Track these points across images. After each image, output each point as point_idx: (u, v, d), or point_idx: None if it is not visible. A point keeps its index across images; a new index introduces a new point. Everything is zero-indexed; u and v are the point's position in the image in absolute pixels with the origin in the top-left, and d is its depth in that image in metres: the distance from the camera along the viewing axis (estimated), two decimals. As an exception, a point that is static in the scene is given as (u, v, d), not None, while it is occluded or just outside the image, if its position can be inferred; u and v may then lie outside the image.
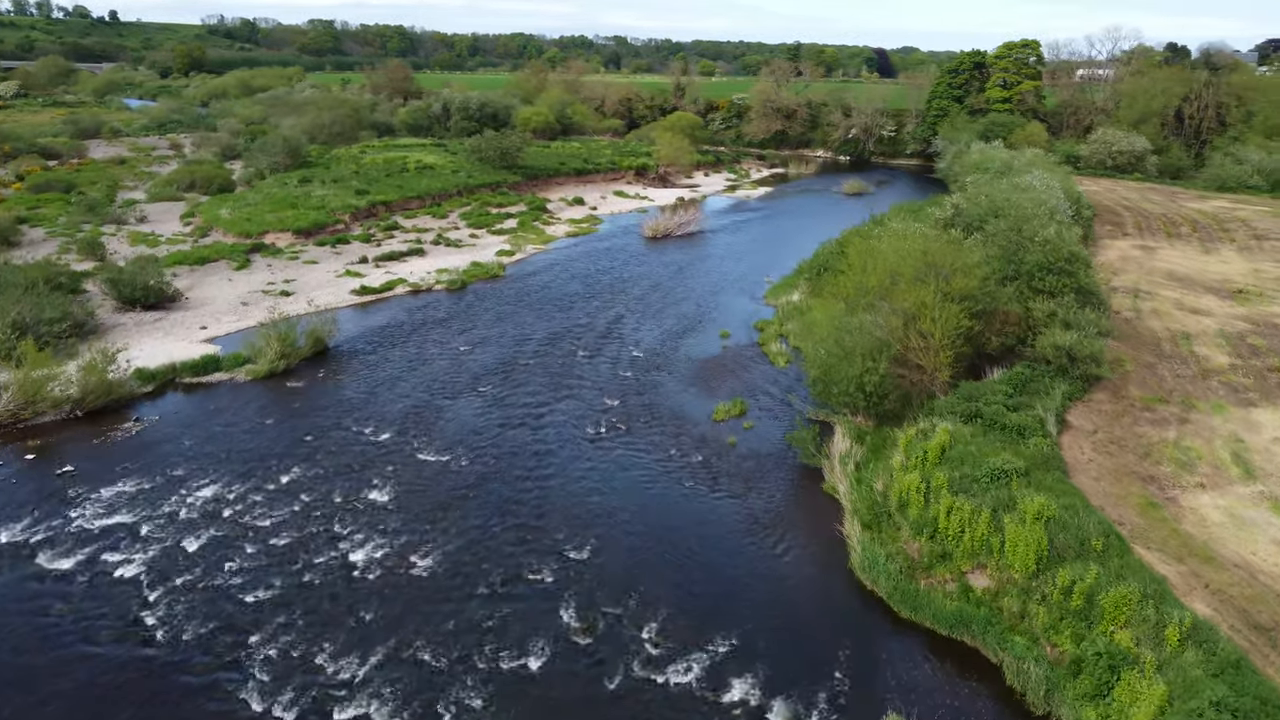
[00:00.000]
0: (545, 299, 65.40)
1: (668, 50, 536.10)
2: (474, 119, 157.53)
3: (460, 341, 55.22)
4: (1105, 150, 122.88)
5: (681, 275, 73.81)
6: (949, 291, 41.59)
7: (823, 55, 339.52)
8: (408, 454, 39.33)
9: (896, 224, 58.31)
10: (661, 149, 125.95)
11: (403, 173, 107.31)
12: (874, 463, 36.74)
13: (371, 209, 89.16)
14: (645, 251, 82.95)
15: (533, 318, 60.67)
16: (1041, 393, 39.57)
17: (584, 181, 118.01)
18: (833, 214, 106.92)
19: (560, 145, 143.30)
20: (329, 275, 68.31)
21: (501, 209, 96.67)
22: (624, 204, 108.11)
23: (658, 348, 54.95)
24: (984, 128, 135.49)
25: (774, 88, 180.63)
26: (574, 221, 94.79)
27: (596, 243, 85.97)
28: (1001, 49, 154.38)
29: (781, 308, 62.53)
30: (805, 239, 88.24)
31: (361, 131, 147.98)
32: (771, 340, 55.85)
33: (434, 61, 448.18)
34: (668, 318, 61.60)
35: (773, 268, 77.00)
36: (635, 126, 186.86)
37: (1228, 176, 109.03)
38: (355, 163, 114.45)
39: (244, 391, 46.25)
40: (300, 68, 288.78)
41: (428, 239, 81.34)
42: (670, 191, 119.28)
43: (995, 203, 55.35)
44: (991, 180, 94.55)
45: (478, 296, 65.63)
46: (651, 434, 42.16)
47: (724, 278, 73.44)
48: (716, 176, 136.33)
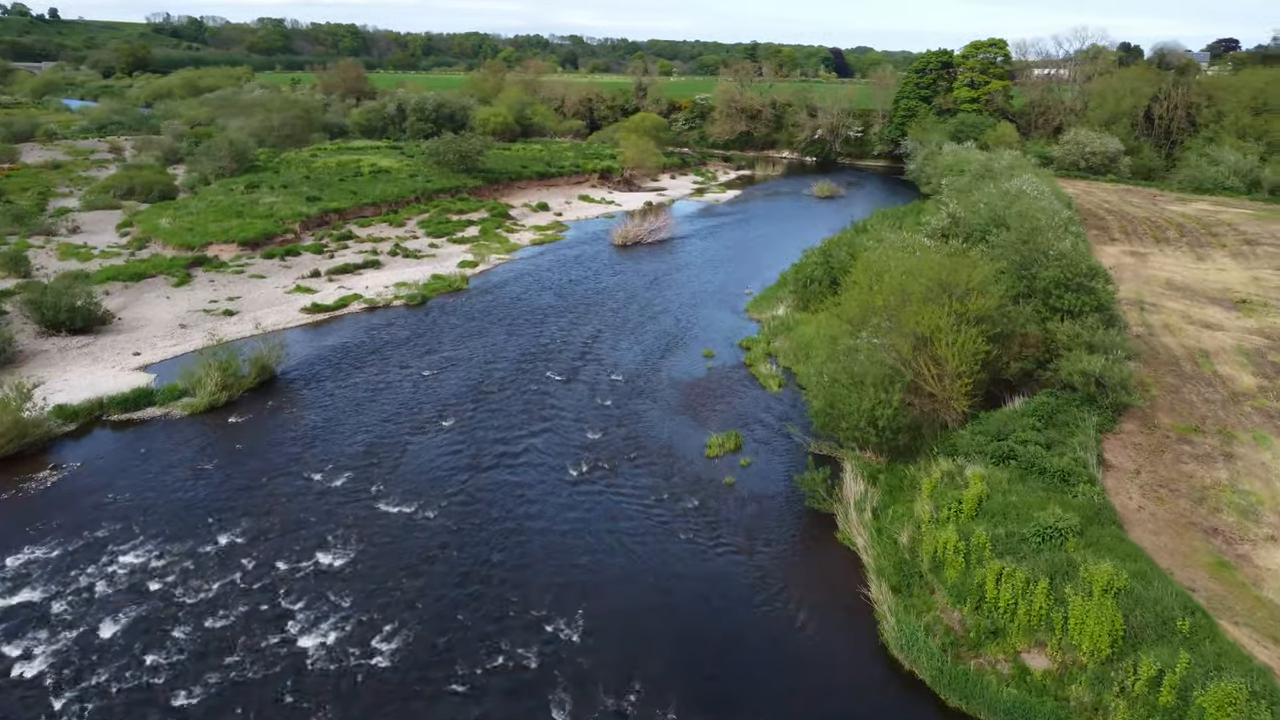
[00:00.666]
0: (514, 314, 60.85)
1: (624, 50, 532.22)
2: (430, 120, 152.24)
3: (423, 364, 50.53)
4: (1079, 151, 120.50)
5: (657, 287, 69.58)
6: (965, 313, 37.78)
7: (780, 55, 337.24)
8: (366, 504, 34.67)
9: (890, 234, 54.57)
10: (626, 152, 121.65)
11: (357, 177, 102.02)
12: (892, 508, 32.75)
13: (324, 217, 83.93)
14: (616, 260, 78.63)
15: (501, 336, 56.13)
16: (1071, 425, 35.82)
17: (547, 185, 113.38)
18: (806, 218, 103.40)
19: (521, 147, 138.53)
20: (277, 291, 63.17)
21: (462, 216, 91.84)
22: (590, 209, 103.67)
23: (638, 370, 50.67)
24: (954, 128, 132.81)
25: (738, 88, 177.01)
26: (539, 229, 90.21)
27: (564, 251, 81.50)
28: (969, 48, 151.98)
29: (767, 323, 58.54)
30: (782, 246, 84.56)
31: (313, 134, 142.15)
32: (760, 361, 51.77)
33: (387, 61, 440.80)
34: (646, 335, 57.35)
35: (751, 278, 73.09)
36: (597, 128, 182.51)
37: (1205, 178, 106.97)
38: (306, 167, 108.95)
39: (180, 430, 41.24)
40: (249, 67, 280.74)
41: (384, 249, 76.37)
42: (637, 195, 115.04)
43: (996, 212, 51.71)
44: (971, 184, 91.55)
45: (440, 312, 60.93)
46: (639, 474, 37.86)
47: (702, 289, 69.33)
48: (683, 179, 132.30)
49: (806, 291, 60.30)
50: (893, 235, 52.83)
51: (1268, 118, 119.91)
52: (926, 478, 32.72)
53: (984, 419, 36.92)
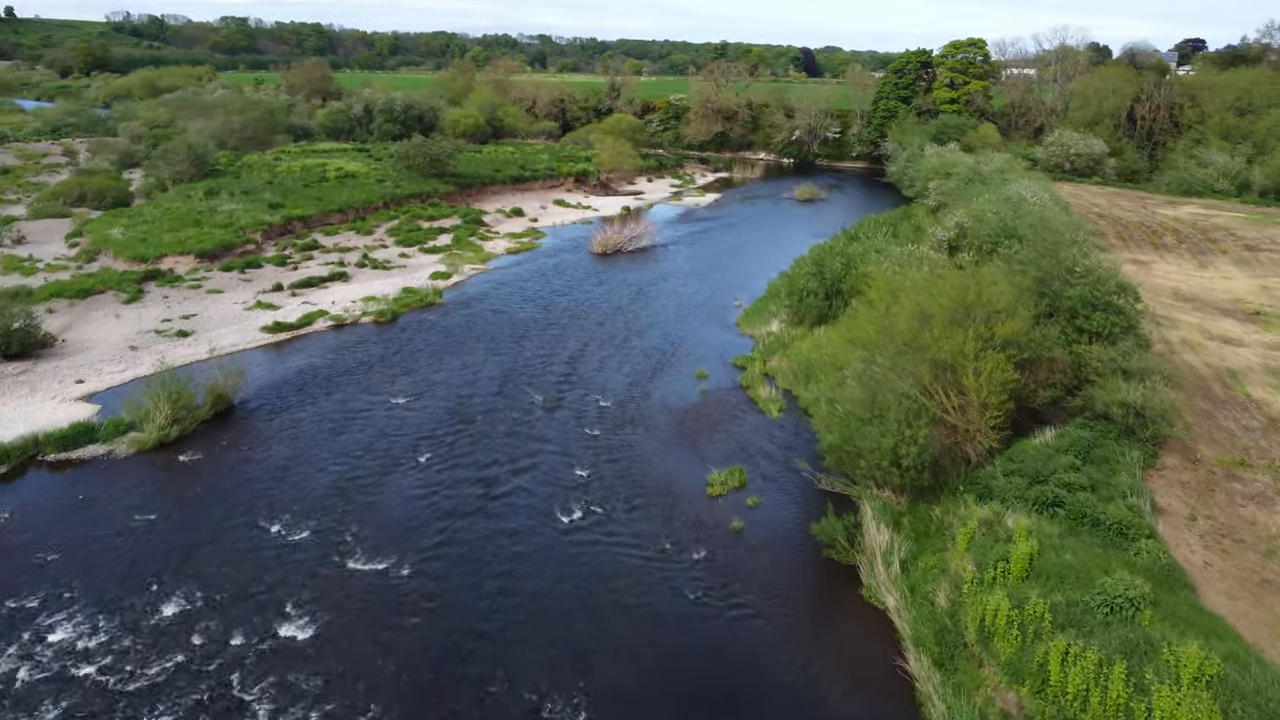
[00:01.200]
0: (491, 331, 57.07)
1: (593, 49, 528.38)
2: (398, 121, 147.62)
3: (395, 390, 46.65)
4: (1063, 153, 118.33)
5: (641, 299, 66.02)
6: (990, 337, 34.53)
7: (750, 54, 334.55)
8: (333, 561, 30.84)
9: (894, 247, 51.33)
10: (602, 155, 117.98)
11: (322, 182, 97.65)
12: (922, 558, 29.44)
13: (287, 225, 79.61)
14: (596, 270, 74.98)
15: (478, 356, 52.34)
16: (1112, 462, 32.64)
17: (521, 190, 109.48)
18: (789, 223, 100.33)
19: (492, 150, 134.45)
20: (236, 308, 58.95)
21: (434, 223, 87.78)
22: (566, 214, 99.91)
23: (627, 394, 47.06)
24: (936, 130, 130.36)
25: (713, 88, 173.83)
26: (514, 236, 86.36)
27: (541, 260, 77.73)
28: (948, 48, 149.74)
29: (761, 340, 55.14)
30: (767, 253, 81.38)
31: (276, 136, 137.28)
32: (757, 382, 48.32)
33: (354, 60, 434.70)
34: (633, 353, 53.78)
35: (739, 288, 69.76)
36: (569, 129, 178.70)
37: (1194, 180, 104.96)
38: (269, 171, 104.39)
39: (125, 471, 37.16)
40: (210, 66, 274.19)
41: (352, 260, 72.25)
42: (614, 200, 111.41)
43: (1006, 222, 48.58)
44: (961, 188, 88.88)
45: (412, 330, 57.04)
46: (637, 519, 34.26)
47: (688, 301, 65.85)
48: (660, 182, 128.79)
49: (801, 306, 56.99)
50: (898, 248, 49.55)
51: (1251, 118, 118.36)
52: (960, 526, 29.35)
53: (1014, 454, 33.67)
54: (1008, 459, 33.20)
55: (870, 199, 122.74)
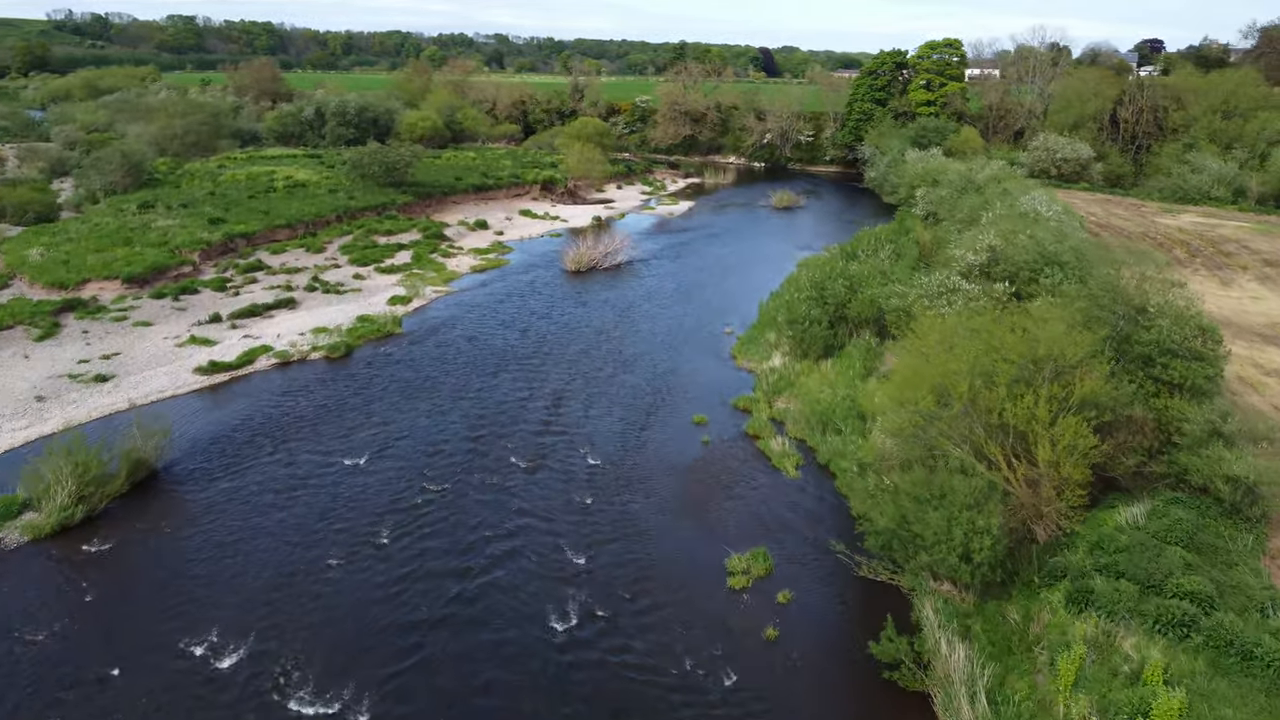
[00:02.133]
0: (458, 368, 50.60)
1: (550, 49, 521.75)
2: (352, 125, 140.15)
3: (348, 447, 40.06)
4: (1049, 158, 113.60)
5: (623, 325, 59.87)
6: (1067, 397, 28.77)
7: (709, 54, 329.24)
8: (271, 701, 24.33)
9: (922, 276, 45.64)
10: (570, 161, 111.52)
11: (269, 193, 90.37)
12: (1010, 682, 23.62)
13: (229, 243, 72.38)
14: (570, 290, 68.69)
15: (444, 400, 45.87)
16: (1221, 550, 26.96)
17: (485, 199, 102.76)
18: (770, 234, 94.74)
19: (452, 155, 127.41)
20: (167, 345, 51.88)
21: (391, 238, 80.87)
22: (534, 226, 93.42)
23: (619, 447, 40.85)
24: (916, 134, 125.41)
25: (681, 90, 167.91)
26: (479, 252, 79.75)
27: (510, 279, 71.25)
28: (923, 49, 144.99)
29: (763, 377, 49.10)
30: (753, 269, 75.81)
31: (221, 141, 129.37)
32: (765, 431, 42.33)
33: (306, 60, 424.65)
34: (620, 393, 47.59)
35: (728, 310, 63.93)
36: (531, 132, 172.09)
37: (1188, 187, 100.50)
38: (211, 181, 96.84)
39: (13, 567, 30.26)
40: (154, 67, 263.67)
41: (300, 283, 65.27)
42: (583, 209, 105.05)
43: (1045, 246, 42.96)
44: (954, 197, 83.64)
45: (368, 367, 50.41)
46: (649, 628, 27.97)
47: (675, 327, 59.80)
48: (630, 189, 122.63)
49: (804, 336, 51.09)
50: (925, 278, 43.72)
51: (1239, 122, 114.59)
52: (1060, 648, 23.45)
53: (1102, 540, 27.80)
54: (1095, 547, 27.38)
55: (849, 206, 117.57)
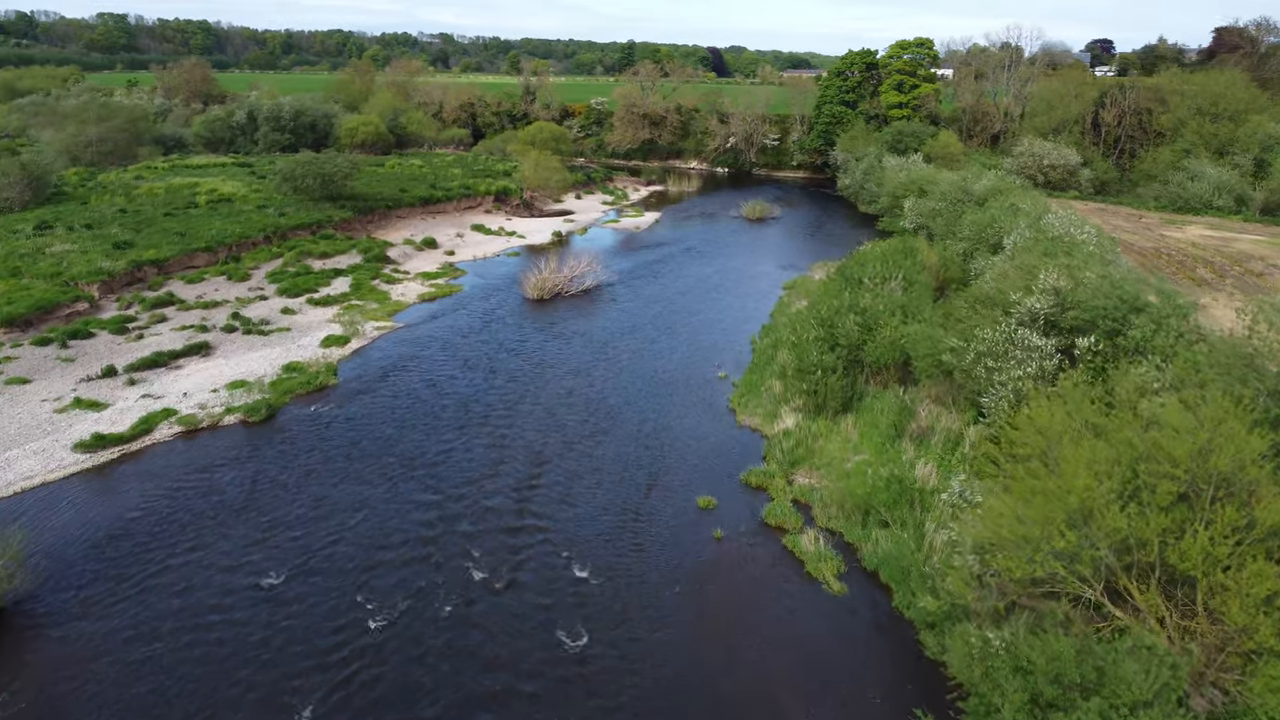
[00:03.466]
0: (404, 433, 41.78)
1: (496, 49, 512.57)
2: (288, 130, 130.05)
3: (261, 561, 31.06)
4: (1035, 164, 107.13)
5: (599, 368, 51.43)
6: (1249, 525, 20.92)
7: (659, 54, 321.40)
8: None
9: (983, 330, 37.79)
10: (525, 170, 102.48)
11: (189, 209, 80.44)
12: None
13: (136, 272, 62.53)
14: (534, 322, 60.07)
15: (388, 481, 37.02)
16: None
17: (433, 213, 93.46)
18: (747, 250, 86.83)
19: (396, 163, 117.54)
20: (44, 410, 42.27)
21: (327, 261, 71.45)
22: (488, 244, 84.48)
23: (611, 550, 32.33)
24: (892, 138, 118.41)
25: (639, 91, 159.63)
26: (427, 276, 70.68)
27: (463, 310, 62.40)
28: (894, 48, 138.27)
29: (775, 443, 40.79)
30: (736, 294, 68.23)
31: (142, 148, 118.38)
32: (790, 519, 34.10)
33: (244, 60, 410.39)
34: (606, 462, 39.15)
35: (717, 347, 55.84)
36: (481, 136, 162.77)
37: (1190, 196, 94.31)
38: (125, 195, 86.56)
39: None
40: (77, 67, 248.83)
41: (218, 321, 55.82)
42: (541, 223, 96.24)
43: (1121, 288, 35.24)
44: (950, 210, 76.41)
45: (295, 435, 41.39)
46: None
47: (659, 368, 51.49)
48: (590, 199, 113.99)
49: (820, 389, 42.98)
50: (988, 332, 35.70)
51: (1229, 125, 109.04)
52: None
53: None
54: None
55: (824, 216, 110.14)
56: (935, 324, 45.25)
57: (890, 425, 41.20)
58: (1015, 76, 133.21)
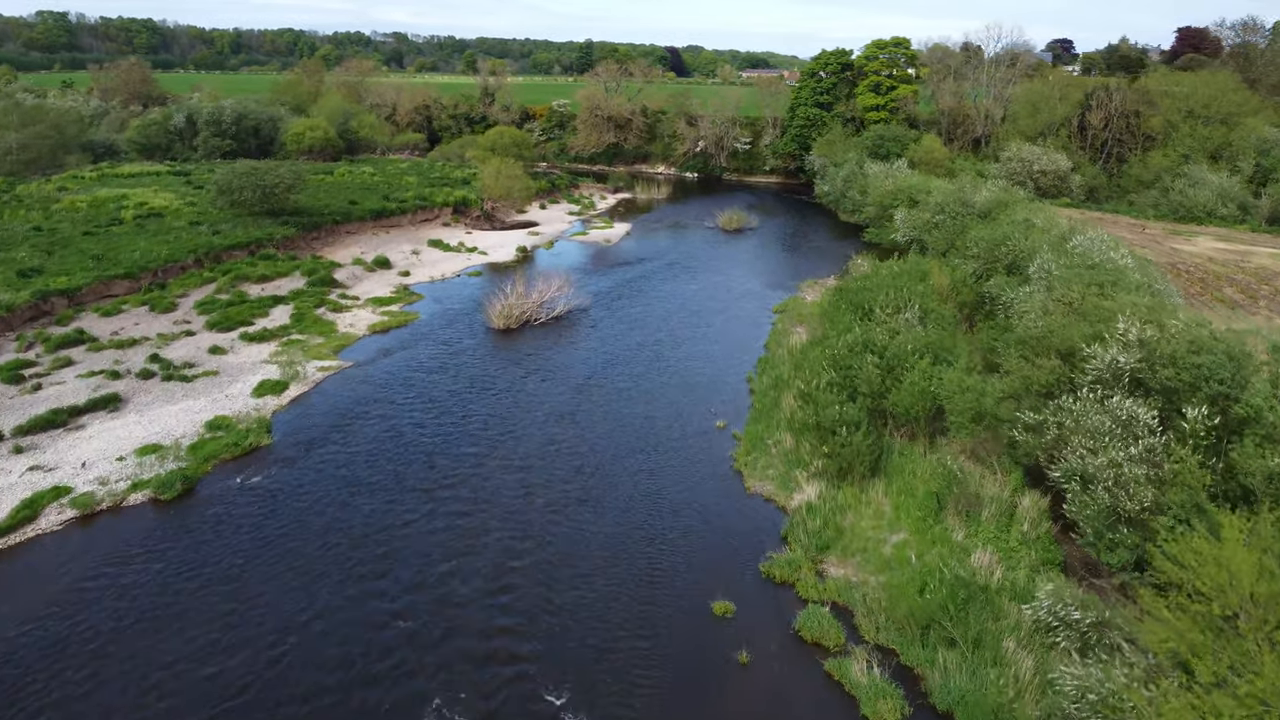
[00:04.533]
0: (348, 505, 34.69)
1: (451, 48, 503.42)
2: (228, 135, 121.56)
3: (165, 706, 24.01)
4: (1024, 170, 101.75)
5: (580, 413, 44.64)
6: None
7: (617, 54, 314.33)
8: None
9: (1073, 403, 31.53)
10: (487, 180, 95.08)
11: (113, 227, 72.32)
12: None
13: (42, 304, 54.61)
14: (501, 357, 53.10)
15: (329, 586, 29.95)
16: None
17: (386, 227, 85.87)
18: (727, 265, 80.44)
19: (346, 171, 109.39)
20: (-97, 491, 34.75)
21: (266, 287, 63.82)
22: (446, 262, 77.18)
23: (610, 690, 25.59)
24: (873, 143, 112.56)
25: (603, 93, 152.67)
26: (379, 303, 63.33)
27: (421, 343, 55.25)
28: (871, 48, 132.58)
29: (797, 522, 34.09)
30: (722, 320, 62.16)
31: (70, 155, 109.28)
32: (828, 633, 27.42)
33: (191, 60, 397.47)
34: (594, 553, 32.33)
35: (712, 386, 49.35)
36: (437, 140, 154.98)
37: (1193, 204, 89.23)
38: (43, 210, 78.17)
39: None
40: (8, 67, 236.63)
41: (134, 363, 48.18)
42: (504, 236, 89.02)
43: (1225, 341, 29.06)
44: (951, 224, 70.54)
45: (216, 514, 34.12)
46: None
47: (650, 419, 44.72)
48: (556, 209, 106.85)
49: (842, 451, 36.47)
50: (1074, 404, 29.35)
51: (1222, 129, 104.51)
52: None
53: None
54: None
55: (804, 224, 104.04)
56: (972, 368, 38.97)
57: (928, 494, 34.89)
58: (996, 78, 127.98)
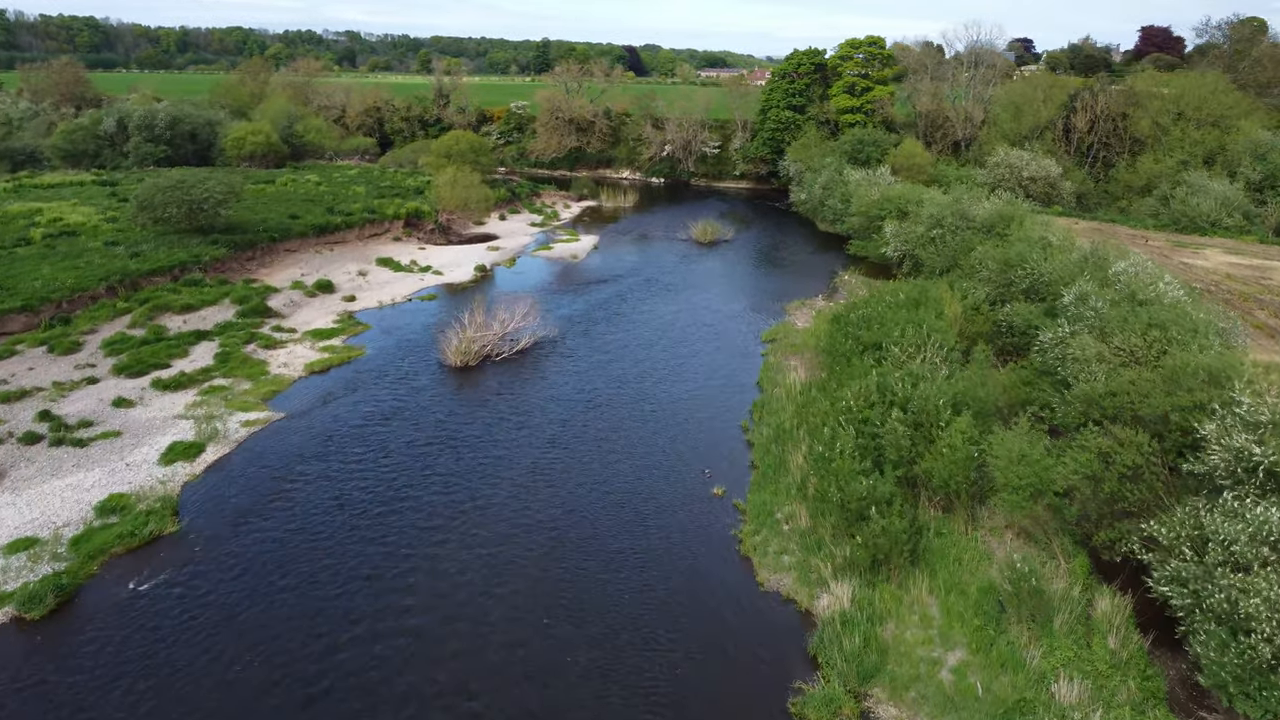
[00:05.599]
0: (269, 616, 27.59)
1: (406, 47, 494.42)
2: (162, 141, 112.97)
3: None
4: (1013, 176, 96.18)
5: (554, 471, 37.78)
6: None
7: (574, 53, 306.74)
8: None
9: (1229, 523, 25.17)
10: (442, 190, 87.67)
11: (19, 248, 64.17)
12: None
13: (-82, 347, 46.88)
14: (459, 403, 46.06)
15: None
16: None
17: (330, 244, 78.19)
18: (705, 284, 73.91)
19: (289, 180, 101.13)
20: None
21: (189, 318, 56.09)
22: (397, 284, 69.79)
23: None
24: (852, 148, 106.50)
25: (563, 94, 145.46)
26: (319, 335, 55.92)
27: (367, 385, 48.00)
28: (845, 48, 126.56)
29: (828, 636, 27.39)
30: (709, 352, 54.94)
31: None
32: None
33: (135, 59, 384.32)
34: (579, 685, 25.57)
35: (705, 439, 42.70)
36: (389, 144, 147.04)
37: (1196, 214, 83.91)
38: (-59, 228, 69.75)
39: None
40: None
41: (19, 423, 40.35)
42: (461, 252, 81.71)
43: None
44: (952, 240, 64.65)
45: (96, 638, 26.85)
46: None
47: (636, 482, 37.90)
48: (517, 220, 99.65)
49: (873, 540, 29.88)
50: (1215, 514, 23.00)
51: (1214, 132, 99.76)
52: None
53: None
54: None
55: (782, 235, 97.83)
56: (1025, 431, 32.62)
57: (983, 592, 28.52)
58: (976, 79, 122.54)
